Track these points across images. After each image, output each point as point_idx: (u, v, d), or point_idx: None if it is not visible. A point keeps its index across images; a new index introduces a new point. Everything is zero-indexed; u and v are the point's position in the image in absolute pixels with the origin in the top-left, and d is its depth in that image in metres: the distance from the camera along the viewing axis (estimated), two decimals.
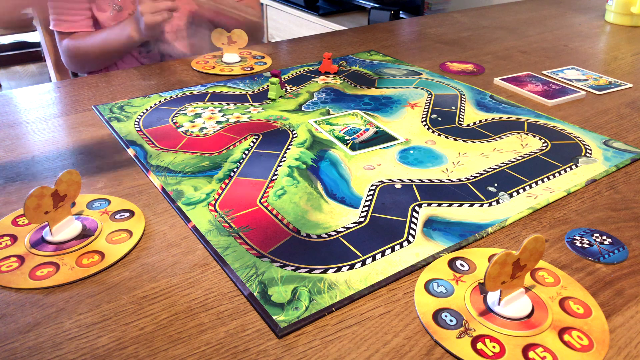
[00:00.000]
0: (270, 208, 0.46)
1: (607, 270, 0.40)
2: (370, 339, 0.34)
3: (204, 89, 0.73)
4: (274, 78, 0.70)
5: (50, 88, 0.75)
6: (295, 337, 0.34)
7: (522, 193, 0.49)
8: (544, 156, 0.56)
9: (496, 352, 0.33)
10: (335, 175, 0.52)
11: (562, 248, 0.43)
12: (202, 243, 0.42)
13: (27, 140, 0.59)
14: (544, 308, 0.36)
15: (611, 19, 1.13)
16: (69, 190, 0.42)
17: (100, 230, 0.43)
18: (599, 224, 0.46)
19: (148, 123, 0.63)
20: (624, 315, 0.36)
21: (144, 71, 0.82)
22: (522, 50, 0.94)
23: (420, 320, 0.35)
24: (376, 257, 0.41)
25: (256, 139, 0.59)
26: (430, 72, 0.81)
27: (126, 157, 0.56)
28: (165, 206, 0.47)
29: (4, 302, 0.36)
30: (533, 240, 0.34)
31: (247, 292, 0.37)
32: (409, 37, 1.03)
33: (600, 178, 0.53)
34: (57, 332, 0.34)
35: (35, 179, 0.51)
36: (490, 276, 0.33)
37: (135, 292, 0.38)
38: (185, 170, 0.53)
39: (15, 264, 0.39)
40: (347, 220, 0.45)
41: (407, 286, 0.38)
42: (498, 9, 1.27)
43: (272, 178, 0.51)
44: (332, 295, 0.37)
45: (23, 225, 0.44)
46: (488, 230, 0.44)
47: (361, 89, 0.74)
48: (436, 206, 0.47)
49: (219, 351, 0.33)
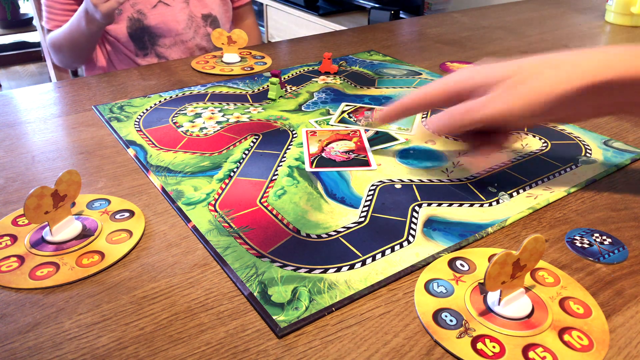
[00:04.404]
0: (270, 208, 0.46)
1: (607, 270, 0.40)
2: (370, 339, 0.34)
3: (204, 89, 0.73)
4: (274, 78, 0.70)
5: (50, 88, 0.75)
6: (295, 337, 0.34)
7: (522, 193, 0.49)
8: (544, 156, 0.56)
9: (496, 352, 0.33)
10: (335, 175, 0.52)
11: (562, 248, 0.43)
12: (202, 243, 0.42)
13: (27, 140, 0.60)
14: (544, 308, 0.36)
15: (611, 19, 1.13)
16: (69, 190, 0.42)
17: (100, 230, 0.43)
18: (599, 224, 0.46)
19: (148, 123, 0.63)
20: (624, 315, 0.36)
21: (144, 71, 0.82)
22: (522, 50, 0.94)
23: (420, 320, 0.35)
24: (376, 257, 0.41)
25: (256, 139, 0.59)
26: (430, 72, 0.81)
27: (126, 157, 0.56)
28: (165, 206, 0.47)
29: (4, 302, 0.36)
30: (533, 240, 0.34)
31: (247, 292, 0.37)
32: (409, 37, 1.03)
33: (600, 178, 0.53)
34: (57, 332, 0.34)
35: (35, 179, 0.51)
36: (490, 276, 0.33)
37: (135, 292, 0.38)
38: (185, 170, 0.53)
39: (15, 264, 0.40)
40: (347, 220, 0.45)
41: (407, 286, 0.38)
42: (498, 9, 1.27)
43: (272, 178, 0.51)
44: (332, 295, 0.37)
45: (23, 225, 0.44)
46: (488, 230, 0.44)
47: (361, 89, 0.74)
48: (436, 206, 0.47)
49: (219, 351, 0.33)
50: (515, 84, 0.42)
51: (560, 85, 0.40)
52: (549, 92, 0.41)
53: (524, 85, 0.42)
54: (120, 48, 1.02)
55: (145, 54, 1.02)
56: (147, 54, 1.02)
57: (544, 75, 0.41)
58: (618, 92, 0.41)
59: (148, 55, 1.02)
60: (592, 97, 0.41)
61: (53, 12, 0.98)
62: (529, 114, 0.42)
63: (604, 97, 0.41)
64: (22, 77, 3.07)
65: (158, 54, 1.03)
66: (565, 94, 0.40)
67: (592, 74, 0.40)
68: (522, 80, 0.42)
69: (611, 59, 0.40)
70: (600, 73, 0.39)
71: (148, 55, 1.02)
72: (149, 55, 1.03)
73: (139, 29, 0.99)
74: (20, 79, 3.05)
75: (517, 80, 0.42)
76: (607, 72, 0.39)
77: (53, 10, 0.98)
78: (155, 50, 1.02)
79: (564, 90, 0.40)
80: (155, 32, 1.00)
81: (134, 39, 1.00)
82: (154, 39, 1.01)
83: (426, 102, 0.48)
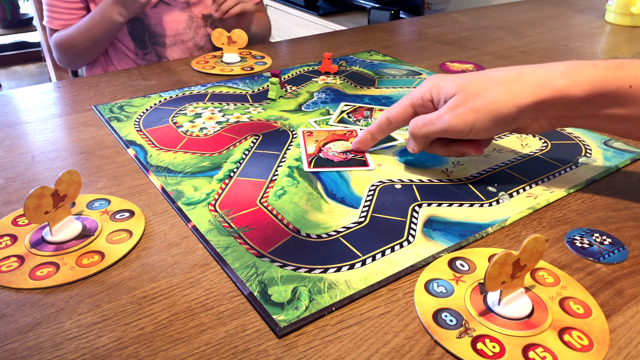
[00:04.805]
0: (270, 208, 0.46)
1: (607, 270, 0.40)
2: (370, 339, 0.34)
3: (204, 89, 0.73)
4: (274, 78, 0.70)
5: (50, 88, 0.75)
6: (295, 337, 0.34)
7: (522, 193, 0.49)
8: (544, 156, 0.56)
9: (496, 352, 0.33)
10: (335, 176, 0.52)
11: (562, 248, 0.43)
12: (202, 243, 0.42)
13: (27, 140, 0.60)
14: (544, 308, 0.36)
15: (611, 19, 1.13)
16: (69, 190, 0.42)
17: (100, 230, 0.43)
18: (599, 224, 0.46)
19: (148, 123, 0.63)
20: (624, 315, 0.36)
21: (144, 71, 0.82)
22: (522, 50, 0.94)
23: (420, 320, 0.35)
24: (376, 257, 0.41)
25: (256, 139, 0.59)
26: (430, 72, 0.81)
27: (126, 157, 0.56)
28: (165, 206, 0.47)
29: (4, 302, 0.36)
30: (533, 240, 0.34)
31: (247, 292, 0.37)
32: (409, 37, 1.03)
33: (600, 178, 0.53)
34: (57, 332, 0.34)
35: (35, 179, 0.51)
36: (490, 276, 0.33)
37: (135, 292, 0.38)
38: (185, 170, 0.53)
39: (15, 264, 0.40)
40: (347, 220, 0.45)
41: (407, 286, 0.38)
42: (498, 9, 1.27)
43: (272, 178, 0.51)
44: (332, 295, 0.37)
45: (23, 225, 0.44)
46: (488, 230, 0.44)
47: (361, 89, 0.74)
48: (436, 206, 0.47)
49: (219, 351, 0.33)
50: (465, 100, 0.46)
51: (505, 102, 0.44)
52: (492, 110, 0.45)
53: (472, 102, 0.45)
54: (120, 47, 1.02)
55: (145, 53, 1.02)
56: (147, 53, 1.02)
57: (490, 93, 0.45)
58: (552, 109, 0.44)
59: (148, 54, 1.02)
60: (533, 114, 0.45)
61: (57, 10, 0.98)
62: (474, 130, 0.46)
63: (540, 112, 0.45)
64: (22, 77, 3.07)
65: (158, 53, 1.03)
66: (508, 112, 0.44)
67: (530, 93, 0.44)
68: (469, 97, 0.46)
69: (548, 77, 0.44)
70: (536, 92, 0.44)
71: (148, 54, 1.02)
72: (149, 55, 1.03)
73: (140, 28, 0.99)
74: (20, 79, 3.05)
75: (465, 97, 0.46)
76: (541, 92, 0.44)
77: (57, 9, 0.98)
78: (156, 50, 1.02)
79: (506, 108, 0.44)
80: (156, 31, 1.00)
81: (135, 37, 1.00)
82: (155, 38, 1.01)
83: (391, 126, 0.53)
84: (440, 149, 0.51)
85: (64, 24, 0.98)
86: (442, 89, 0.48)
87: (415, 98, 0.50)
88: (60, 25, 0.98)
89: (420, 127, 0.48)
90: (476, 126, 0.45)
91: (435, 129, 0.47)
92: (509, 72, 0.46)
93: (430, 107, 0.49)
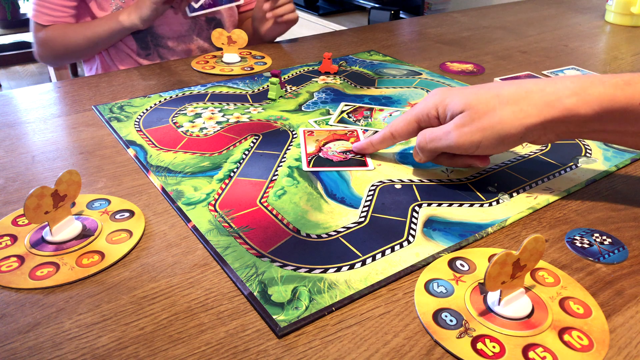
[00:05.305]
0: (270, 208, 0.46)
1: (607, 270, 0.40)
2: (370, 339, 0.34)
3: (204, 89, 0.73)
4: (274, 78, 0.70)
5: (50, 88, 0.75)
6: (295, 337, 0.34)
7: (522, 193, 0.49)
8: (544, 156, 0.56)
9: (496, 352, 0.33)
10: (335, 176, 0.52)
11: (562, 248, 0.43)
12: (202, 243, 0.42)
13: (27, 140, 0.60)
14: (544, 308, 0.36)
15: (611, 19, 1.13)
16: (69, 190, 0.42)
17: (100, 230, 0.43)
18: (599, 224, 0.46)
19: (148, 123, 0.63)
20: (624, 315, 0.36)
21: (144, 71, 0.82)
22: (522, 50, 0.94)
23: (420, 320, 0.35)
24: (376, 257, 0.41)
25: (256, 139, 0.59)
26: (430, 72, 0.81)
27: (126, 157, 0.56)
28: (165, 206, 0.47)
29: (4, 302, 0.36)
30: (533, 240, 0.34)
31: (247, 292, 0.37)
32: (409, 37, 1.03)
33: (600, 178, 0.53)
34: (57, 332, 0.34)
35: (35, 179, 0.51)
36: (490, 276, 0.33)
37: (135, 292, 0.38)
38: (185, 170, 0.53)
39: (15, 264, 0.40)
40: (347, 220, 0.45)
41: (407, 286, 0.38)
42: (498, 9, 1.27)
43: (272, 178, 0.51)
44: (332, 295, 0.37)
45: (23, 225, 0.44)
46: (488, 230, 0.44)
47: (361, 89, 0.74)
48: (436, 206, 0.47)
49: (219, 351, 0.33)
50: (471, 119, 0.45)
51: (513, 122, 0.44)
52: (500, 130, 0.45)
53: (478, 121, 0.45)
54: (122, 47, 1.02)
55: (148, 54, 1.02)
56: (149, 54, 1.02)
57: (497, 112, 0.45)
58: (561, 126, 0.44)
59: (150, 55, 1.02)
60: (541, 131, 0.45)
61: (47, 6, 0.95)
62: (481, 148, 0.46)
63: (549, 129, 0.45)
64: (22, 77, 3.07)
65: (160, 54, 1.03)
66: (515, 131, 0.44)
67: (537, 113, 0.44)
68: (475, 116, 0.45)
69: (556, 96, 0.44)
70: (545, 112, 0.44)
71: (150, 55, 1.02)
72: (151, 56, 1.03)
73: (143, 29, 0.99)
74: (20, 79, 3.05)
75: (472, 115, 0.45)
76: (550, 111, 0.43)
77: (48, 5, 0.95)
78: (158, 51, 1.02)
79: (514, 128, 0.44)
80: (159, 33, 1.00)
81: (137, 38, 1.00)
82: (157, 40, 1.01)
83: (394, 140, 0.53)
84: (446, 160, 0.51)
85: (53, 20, 0.96)
86: (449, 106, 0.47)
87: (421, 114, 0.50)
88: (49, 21, 0.96)
89: (428, 142, 0.48)
90: (483, 145, 0.45)
91: (441, 145, 0.47)
92: (517, 90, 0.45)
93: (435, 123, 0.49)
